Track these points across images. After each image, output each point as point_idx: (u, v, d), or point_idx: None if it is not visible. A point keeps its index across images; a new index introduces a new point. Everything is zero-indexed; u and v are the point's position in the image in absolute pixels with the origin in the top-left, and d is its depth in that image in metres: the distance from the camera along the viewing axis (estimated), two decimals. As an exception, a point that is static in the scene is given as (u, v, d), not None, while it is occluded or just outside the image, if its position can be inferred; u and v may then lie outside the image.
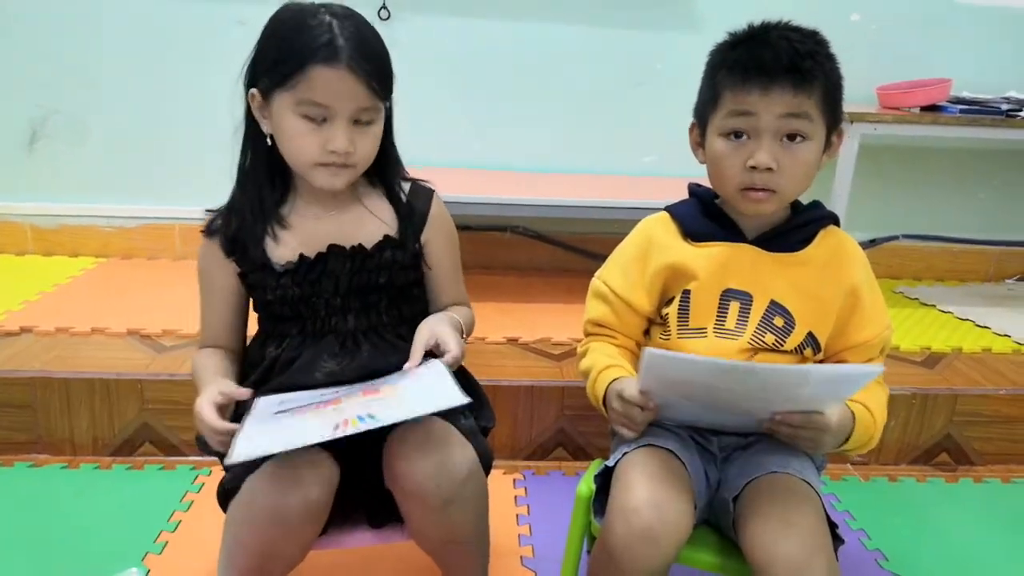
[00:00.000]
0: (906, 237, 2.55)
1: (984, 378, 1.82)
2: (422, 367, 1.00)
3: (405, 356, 1.02)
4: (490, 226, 2.38)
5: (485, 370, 1.68)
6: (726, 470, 1.06)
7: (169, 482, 1.55)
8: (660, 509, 0.92)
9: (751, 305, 1.06)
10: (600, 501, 1.03)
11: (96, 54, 2.23)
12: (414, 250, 1.11)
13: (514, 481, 1.63)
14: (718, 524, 1.05)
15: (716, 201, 1.12)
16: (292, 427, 0.90)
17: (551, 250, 2.43)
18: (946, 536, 1.51)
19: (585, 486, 1.06)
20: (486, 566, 1.11)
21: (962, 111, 2.06)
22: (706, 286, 1.07)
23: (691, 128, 1.11)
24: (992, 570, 1.43)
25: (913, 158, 2.49)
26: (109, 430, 1.63)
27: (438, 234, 1.14)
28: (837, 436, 1.00)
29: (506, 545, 1.40)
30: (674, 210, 1.14)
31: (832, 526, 0.96)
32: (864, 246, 1.15)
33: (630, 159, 2.41)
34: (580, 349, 1.17)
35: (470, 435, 1.02)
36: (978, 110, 2.07)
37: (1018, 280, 2.61)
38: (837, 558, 0.93)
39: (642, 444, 1.02)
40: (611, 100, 2.36)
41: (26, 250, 2.36)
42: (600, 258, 1.18)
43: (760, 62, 0.98)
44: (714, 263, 1.07)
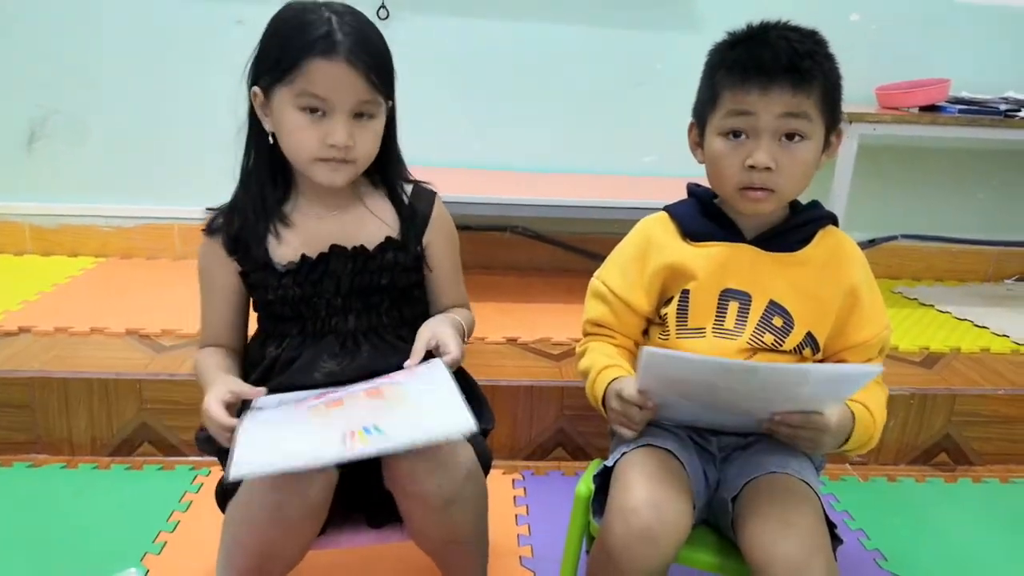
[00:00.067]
0: (905, 237, 2.55)
1: (983, 378, 1.82)
2: (423, 366, 1.00)
3: (404, 357, 1.02)
4: (490, 226, 2.38)
5: (484, 370, 1.68)
6: (725, 470, 1.06)
7: (168, 482, 1.55)
8: (659, 509, 0.92)
9: (750, 305, 1.06)
10: (599, 501, 1.03)
11: (96, 54, 2.23)
12: (416, 252, 1.11)
13: (513, 481, 1.63)
14: (717, 524, 1.05)
15: (715, 201, 1.12)
16: (295, 438, 0.88)
17: (551, 250, 2.43)
18: (945, 536, 1.51)
19: (584, 486, 1.05)
20: (485, 566, 1.11)
21: (961, 111, 2.06)
22: (705, 286, 1.07)
23: (690, 128, 1.11)
24: (991, 570, 1.43)
25: (912, 158, 2.50)
26: (108, 430, 1.63)
27: (440, 236, 1.14)
28: (837, 436, 1.00)
29: (505, 545, 1.40)
30: (673, 210, 1.14)
31: (831, 526, 0.96)
32: (863, 246, 1.15)
33: (630, 159, 2.41)
34: (579, 349, 1.17)
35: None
36: (977, 110, 2.07)
37: (1017, 280, 2.61)
38: (836, 558, 0.93)
39: (641, 444, 1.02)
40: (611, 100, 2.36)
41: (25, 250, 2.36)
42: (599, 258, 1.18)
43: (759, 62, 0.98)
44: (713, 263, 1.07)
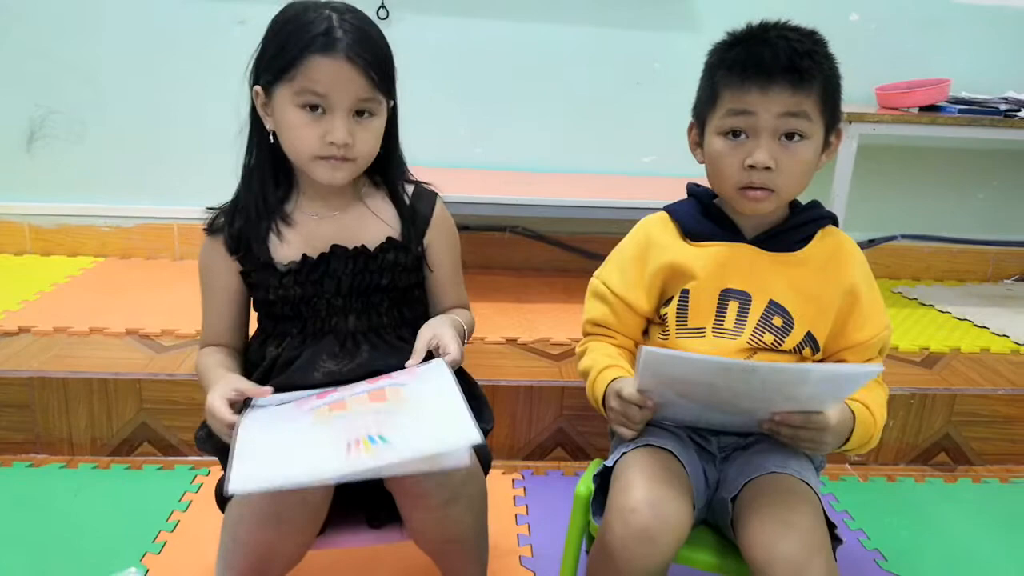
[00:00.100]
0: (904, 237, 2.56)
1: (982, 378, 1.82)
2: (424, 366, 1.00)
3: (404, 357, 1.02)
4: (489, 226, 2.38)
5: (484, 370, 1.68)
6: (725, 470, 1.06)
7: (167, 482, 1.55)
8: (658, 509, 0.92)
9: (750, 305, 1.06)
10: (599, 501, 1.03)
11: (96, 54, 2.23)
12: (417, 253, 1.11)
13: (513, 481, 1.63)
14: (717, 524, 1.05)
15: (715, 201, 1.12)
16: (296, 450, 0.86)
17: (550, 250, 2.43)
18: (945, 536, 1.51)
19: (584, 486, 1.05)
20: (485, 566, 1.11)
21: (961, 111, 2.07)
22: (705, 286, 1.07)
23: (690, 128, 1.11)
24: (991, 570, 1.43)
25: (912, 158, 2.50)
26: (107, 430, 1.63)
27: (440, 237, 1.14)
28: (837, 436, 1.00)
29: (505, 545, 1.40)
30: (673, 210, 1.14)
31: (831, 526, 0.96)
32: (863, 246, 1.15)
33: (629, 159, 2.41)
34: (579, 349, 1.17)
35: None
36: (977, 110, 2.07)
37: (1016, 280, 2.61)
38: (836, 558, 0.93)
39: (641, 444, 1.02)
40: (610, 100, 2.36)
41: (24, 250, 2.36)
42: (599, 258, 1.18)
43: (759, 61, 0.98)
44: (713, 263, 1.07)
